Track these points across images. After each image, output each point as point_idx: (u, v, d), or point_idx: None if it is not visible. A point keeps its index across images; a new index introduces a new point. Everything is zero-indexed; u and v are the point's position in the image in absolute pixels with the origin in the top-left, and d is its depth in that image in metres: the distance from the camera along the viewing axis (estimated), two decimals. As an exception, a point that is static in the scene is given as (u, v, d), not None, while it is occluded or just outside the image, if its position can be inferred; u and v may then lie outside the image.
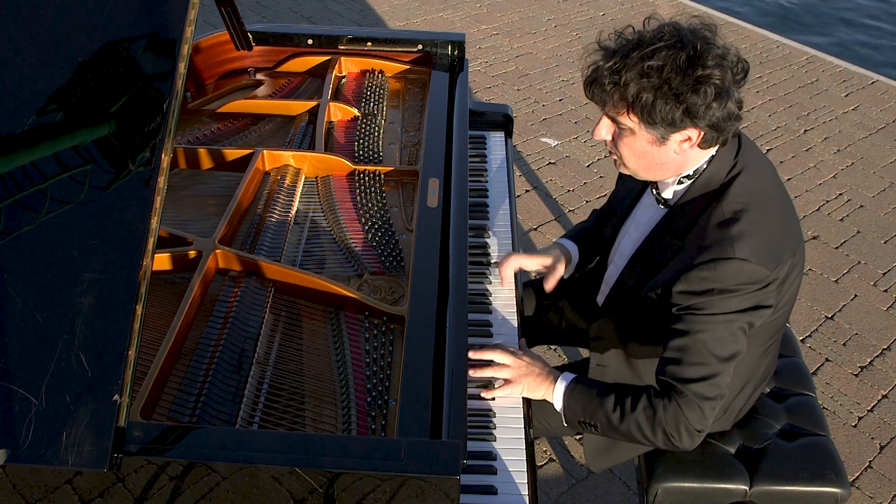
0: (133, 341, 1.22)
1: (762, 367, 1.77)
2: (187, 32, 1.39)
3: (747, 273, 1.43)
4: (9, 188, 1.29)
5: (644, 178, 1.59)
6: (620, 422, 1.53)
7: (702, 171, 1.53)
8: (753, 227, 1.45)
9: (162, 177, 1.31)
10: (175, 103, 1.35)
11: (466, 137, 2.12)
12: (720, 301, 1.44)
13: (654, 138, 1.46)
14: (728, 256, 1.42)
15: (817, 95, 4.89)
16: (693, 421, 1.47)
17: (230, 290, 1.65)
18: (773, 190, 1.56)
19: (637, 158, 1.52)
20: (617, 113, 1.46)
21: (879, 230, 3.73)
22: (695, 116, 1.40)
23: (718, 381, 1.47)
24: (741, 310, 1.45)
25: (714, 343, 1.45)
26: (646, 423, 1.50)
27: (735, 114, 1.44)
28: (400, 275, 1.74)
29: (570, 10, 5.83)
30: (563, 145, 4.20)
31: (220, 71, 2.52)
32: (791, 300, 1.63)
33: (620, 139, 1.50)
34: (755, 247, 1.43)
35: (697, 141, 1.46)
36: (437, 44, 2.47)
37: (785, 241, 1.51)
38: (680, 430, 1.48)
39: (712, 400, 1.47)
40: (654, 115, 1.40)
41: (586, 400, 1.59)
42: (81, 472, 1.20)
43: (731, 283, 1.43)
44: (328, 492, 1.22)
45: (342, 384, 1.49)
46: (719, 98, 1.39)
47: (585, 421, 1.60)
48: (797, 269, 1.58)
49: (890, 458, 2.63)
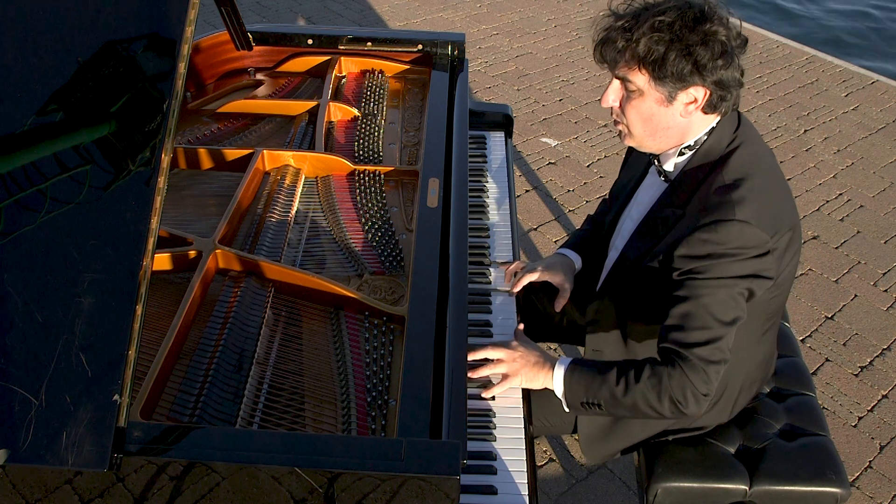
0: (133, 341, 1.22)
1: (760, 352, 1.77)
2: (187, 32, 1.39)
3: (748, 236, 1.44)
4: (9, 188, 1.29)
5: (648, 146, 1.60)
6: (625, 395, 1.52)
7: (702, 142, 1.56)
8: (753, 194, 1.48)
9: (162, 177, 1.31)
10: (175, 103, 1.35)
11: (466, 137, 2.12)
12: (721, 265, 1.46)
13: (662, 97, 1.49)
14: (729, 218, 1.45)
15: (817, 95, 4.89)
16: (699, 385, 1.47)
17: (230, 291, 1.65)
18: (771, 166, 1.59)
19: (644, 123, 1.54)
20: (628, 71, 1.49)
21: (879, 230, 3.73)
22: (703, 70, 1.44)
23: (721, 344, 1.47)
24: (741, 275, 1.46)
25: (716, 307, 1.46)
26: (651, 393, 1.50)
27: (737, 79, 1.49)
28: (400, 275, 1.74)
29: (570, 10, 5.83)
30: (563, 145, 4.20)
31: (220, 71, 2.52)
32: (788, 281, 1.64)
33: (628, 103, 1.53)
34: (756, 211, 1.46)
35: (703, 103, 1.50)
36: (437, 44, 2.47)
37: (782, 214, 1.53)
38: (686, 396, 1.48)
39: (716, 364, 1.48)
40: (664, 69, 1.44)
41: (588, 379, 1.57)
42: (81, 472, 1.20)
43: (732, 245, 1.45)
44: (328, 492, 1.22)
45: (342, 384, 1.49)
46: (725, 56, 1.45)
47: (588, 401, 1.58)
48: (794, 249, 1.59)
49: (890, 458, 2.63)
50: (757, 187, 1.49)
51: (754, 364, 1.78)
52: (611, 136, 4.28)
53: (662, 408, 1.50)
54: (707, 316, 1.47)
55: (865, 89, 5.01)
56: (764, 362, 1.83)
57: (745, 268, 1.47)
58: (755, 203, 1.47)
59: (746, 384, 1.80)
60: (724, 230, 1.45)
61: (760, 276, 1.48)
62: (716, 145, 1.55)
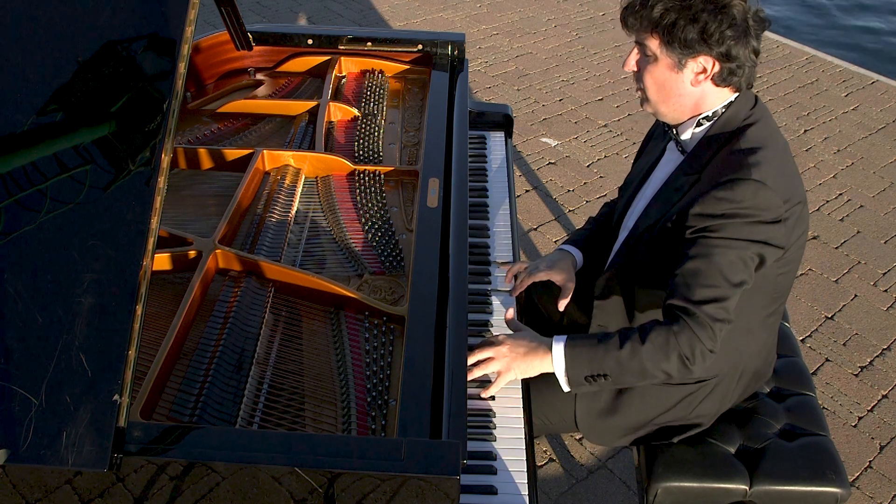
0: (133, 341, 1.22)
1: (763, 336, 1.77)
2: (187, 32, 1.39)
3: (762, 196, 1.48)
4: (9, 188, 1.29)
5: (663, 114, 1.65)
6: (632, 358, 1.52)
7: (720, 114, 1.60)
8: (769, 160, 1.52)
9: (162, 177, 1.31)
10: (175, 103, 1.35)
11: (466, 137, 2.12)
12: (735, 226, 1.49)
13: (672, 63, 1.55)
14: (745, 177, 1.49)
15: (817, 95, 4.89)
16: (706, 341, 1.49)
17: (230, 291, 1.65)
18: (784, 145, 1.62)
19: (658, 89, 1.60)
20: (644, 36, 1.57)
21: (879, 230, 3.73)
22: (709, 39, 1.49)
23: (727, 304, 1.50)
24: (753, 239, 1.50)
25: (726, 266, 1.49)
26: (659, 352, 1.51)
27: (749, 56, 1.54)
28: (400, 275, 1.74)
29: (570, 10, 5.83)
30: (563, 145, 4.19)
31: (220, 71, 2.52)
32: (796, 261, 1.66)
33: (645, 68, 1.60)
34: (771, 174, 1.50)
35: (712, 73, 1.55)
36: (437, 44, 2.47)
37: (795, 185, 1.57)
38: (695, 352, 1.49)
39: (722, 322, 1.50)
40: (673, 35, 1.51)
41: (590, 351, 1.56)
42: (81, 472, 1.20)
43: (746, 204, 1.48)
44: (328, 492, 1.22)
45: (342, 384, 1.49)
46: (734, 28, 1.49)
47: (593, 374, 1.56)
48: (803, 227, 1.62)
49: (890, 458, 2.63)
50: (772, 156, 1.53)
51: (756, 347, 1.78)
52: (611, 136, 4.28)
53: (670, 366, 1.51)
54: (717, 274, 1.49)
55: (865, 89, 5.01)
56: (765, 352, 1.83)
57: (758, 232, 1.50)
58: (771, 168, 1.51)
59: (748, 371, 1.80)
60: (741, 189, 1.48)
61: (771, 244, 1.51)
62: (733, 118, 1.59)
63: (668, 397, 1.75)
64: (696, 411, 1.77)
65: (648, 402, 1.76)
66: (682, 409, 1.77)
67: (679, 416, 1.78)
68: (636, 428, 1.80)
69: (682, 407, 1.77)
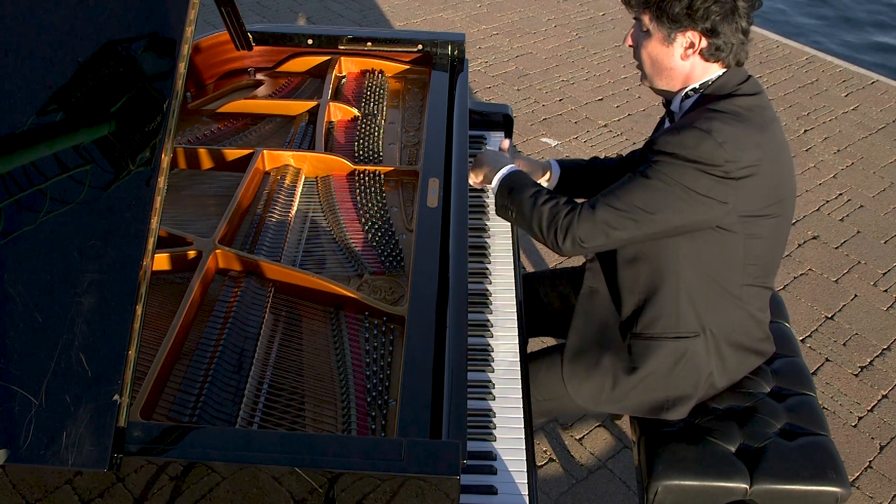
0: (133, 341, 1.22)
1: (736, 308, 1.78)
2: (187, 32, 1.39)
3: (704, 146, 1.56)
4: (9, 188, 1.29)
5: (657, 85, 1.74)
6: (531, 210, 1.74)
7: (707, 86, 1.68)
8: (730, 122, 1.58)
9: (162, 177, 1.31)
10: (175, 103, 1.35)
11: (466, 137, 2.12)
12: (676, 166, 1.59)
13: (663, 37, 1.66)
14: (693, 126, 1.58)
15: (817, 95, 4.89)
16: (581, 230, 1.67)
17: (230, 291, 1.65)
18: (767, 119, 1.66)
19: (651, 63, 1.71)
20: (640, 13, 1.68)
21: (879, 230, 3.73)
22: (694, 15, 1.59)
23: (625, 221, 1.64)
24: (689, 187, 1.59)
25: (645, 193, 1.62)
26: (546, 218, 1.72)
27: (738, 35, 1.62)
28: (400, 275, 1.74)
29: (570, 10, 5.83)
30: (563, 145, 4.20)
31: (220, 71, 2.52)
32: (772, 228, 1.70)
33: (641, 43, 1.71)
34: (721, 129, 1.56)
35: (699, 48, 1.63)
36: (437, 44, 2.47)
37: (761, 156, 1.60)
38: (568, 234, 1.68)
39: (607, 229, 1.65)
40: (662, 10, 1.62)
41: (517, 186, 1.81)
42: (81, 472, 1.20)
43: (688, 151, 1.57)
44: (328, 492, 1.22)
45: (342, 384, 1.49)
46: (720, 4, 1.58)
47: (507, 204, 1.82)
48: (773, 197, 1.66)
49: (890, 458, 2.63)
50: (737, 121, 1.59)
51: (733, 318, 1.79)
52: (611, 136, 4.28)
53: (547, 235, 1.72)
54: (633, 194, 1.63)
55: (865, 89, 5.01)
56: (747, 324, 1.83)
57: (697, 182, 1.58)
58: (727, 123, 1.57)
59: (725, 341, 1.81)
60: (685, 134, 1.58)
61: (710, 198, 1.59)
62: (718, 90, 1.67)
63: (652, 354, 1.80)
64: (681, 375, 1.80)
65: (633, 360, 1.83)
66: (666, 371, 1.80)
67: (664, 381, 1.81)
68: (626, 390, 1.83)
69: (666, 369, 1.80)
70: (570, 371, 1.87)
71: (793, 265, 3.46)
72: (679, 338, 1.79)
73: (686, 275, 1.73)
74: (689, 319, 1.77)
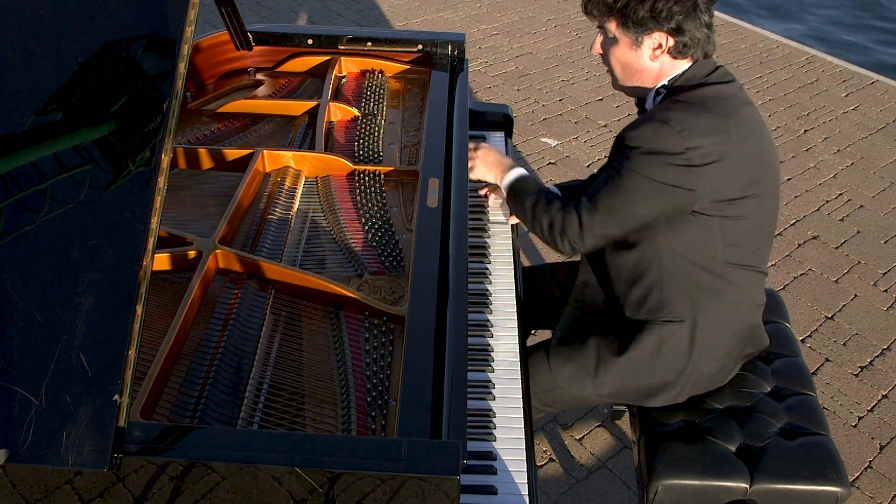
0: (133, 341, 1.22)
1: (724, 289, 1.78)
2: (187, 32, 1.39)
3: (662, 136, 1.61)
4: (9, 188, 1.29)
5: (629, 86, 1.79)
6: (533, 221, 1.86)
7: (675, 81, 1.73)
8: (691, 108, 1.64)
9: (162, 177, 1.31)
10: (175, 103, 1.35)
11: (466, 137, 2.12)
12: (641, 160, 1.65)
13: (630, 41, 1.71)
14: (652, 118, 1.64)
15: (817, 95, 4.89)
16: (573, 236, 1.78)
17: (230, 291, 1.65)
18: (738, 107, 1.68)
19: (621, 67, 1.77)
20: (604, 21, 1.74)
21: (879, 230, 3.73)
22: (658, 17, 1.64)
23: (606, 221, 1.73)
24: (656, 179, 1.64)
25: (617, 190, 1.69)
26: (545, 227, 1.83)
27: (703, 30, 1.67)
28: (400, 275, 1.74)
29: (570, 10, 5.83)
30: (563, 145, 4.20)
31: (220, 71, 2.52)
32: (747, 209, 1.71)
33: (609, 50, 1.77)
34: (678, 118, 1.62)
35: (667, 47, 1.68)
36: (437, 44, 2.47)
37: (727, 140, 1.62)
38: (564, 238, 1.80)
39: (593, 231, 1.75)
40: (627, 16, 1.67)
41: (520, 194, 1.93)
42: (81, 472, 1.20)
43: (649, 144, 1.63)
44: (328, 492, 1.22)
45: (342, 384, 1.49)
46: (682, 4, 1.63)
47: (514, 209, 1.96)
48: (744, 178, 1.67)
49: (890, 458, 2.63)
50: (698, 107, 1.64)
51: (720, 297, 1.79)
52: (611, 136, 4.28)
53: (550, 241, 1.84)
54: (610, 191, 1.70)
55: (865, 89, 5.01)
56: (735, 310, 1.83)
57: (663, 174, 1.63)
58: (683, 112, 1.62)
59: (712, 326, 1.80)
60: (645, 127, 1.65)
61: (678, 187, 1.63)
62: (687, 82, 1.71)
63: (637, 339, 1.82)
64: (666, 360, 1.81)
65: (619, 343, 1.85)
66: (651, 356, 1.81)
67: (650, 366, 1.82)
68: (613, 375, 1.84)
69: (651, 354, 1.81)
70: (555, 353, 1.90)
71: (793, 265, 3.46)
72: (665, 322, 1.81)
73: (667, 259, 1.76)
74: (675, 304, 1.79)
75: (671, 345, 1.80)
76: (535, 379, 1.92)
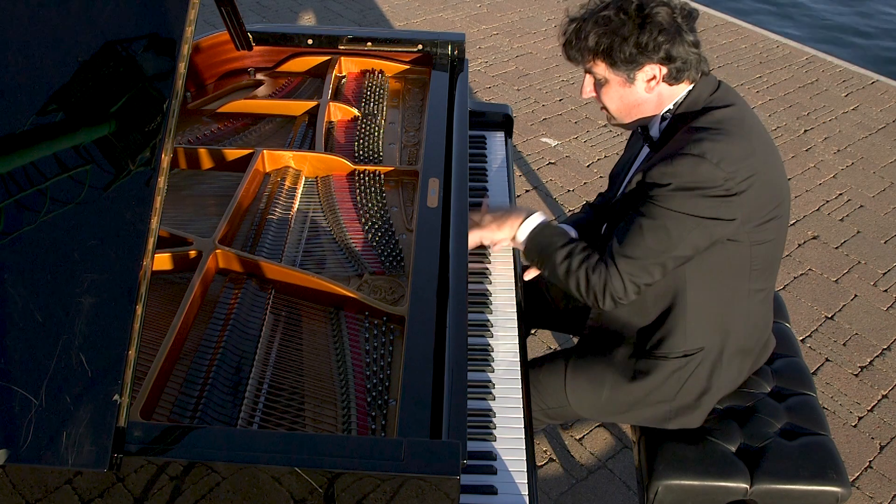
0: (133, 341, 1.22)
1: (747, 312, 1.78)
2: (187, 32, 1.39)
3: (701, 171, 1.55)
4: (9, 188, 1.29)
5: (630, 121, 1.76)
6: (566, 276, 1.74)
7: (681, 102, 1.69)
8: (716, 138, 1.58)
9: (162, 177, 1.30)
10: (175, 103, 1.35)
11: (466, 137, 2.12)
12: (677, 197, 1.58)
13: (622, 79, 1.67)
14: (687, 152, 1.57)
15: (817, 95, 4.89)
16: (616, 291, 1.67)
17: (230, 291, 1.65)
18: (749, 126, 1.66)
19: (617, 104, 1.72)
20: (590, 65, 1.69)
21: (879, 230, 3.73)
22: (646, 50, 1.60)
23: (648, 268, 1.64)
24: (696, 214, 1.58)
25: (656, 234, 1.61)
26: (582, 284, 1.71)
27: (691, 51, 1.63)
28: (400, 275, 1.74)
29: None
30: (563, 145, 4.20)
31: (220, 71, 2.52)
32: (773, 231, 1.69)
33: (601, 90, 1.72)
34: (713, 149, 1.56)
35: (662, 77, 1.65)
36: (437, 44, 2.47)
37: (755, 164, 1.60)
38: (605, 295, 1.68)
39: (636, 280, 1.65)
40: (613, 57, 1.63)
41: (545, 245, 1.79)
42: (81, 472, 1.20)
43: (686, 179, 1.57)
44: (328, 492, 1.22)
45: (342, 384, 1.49)
46: (666, 33, 1.59)
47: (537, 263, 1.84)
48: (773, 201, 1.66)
49: (890, 458, 2.63)
50: (723, 136, 1.58)
51: (742, 322, 1.79)
52: (611, 136, 4.28)
53: (588, 298, 1.72)
54: (644, 238, 1.62)
55: (865, 89, 5.01)
56: (753, 328, 1.83)
57: (701, 207, 1.57)
58: (716, 143, 1.57)
59: (734, 347, 1.81)
60: (680, 163, 1.57)
61: (711, 218, 1.58)
62: (692, 105, 1.68)
63: (656, 370, 1.79)
64: (685, 388, 1.79)
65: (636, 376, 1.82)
66: (670, 386, 1.79)
67: (668, 394, 1.80)
68: (628, 403, 1.82)
69: (671, 384, 1.79)
70: (573, 384, 1.87)
71: (793, 265, 3.46)
72: (685, 356, 1.78)
73: (694, 289, 1.71)
74: (696, 336, 1.77)
75: (691, 374, 1.79)
76: (545, 396, 1.89)
